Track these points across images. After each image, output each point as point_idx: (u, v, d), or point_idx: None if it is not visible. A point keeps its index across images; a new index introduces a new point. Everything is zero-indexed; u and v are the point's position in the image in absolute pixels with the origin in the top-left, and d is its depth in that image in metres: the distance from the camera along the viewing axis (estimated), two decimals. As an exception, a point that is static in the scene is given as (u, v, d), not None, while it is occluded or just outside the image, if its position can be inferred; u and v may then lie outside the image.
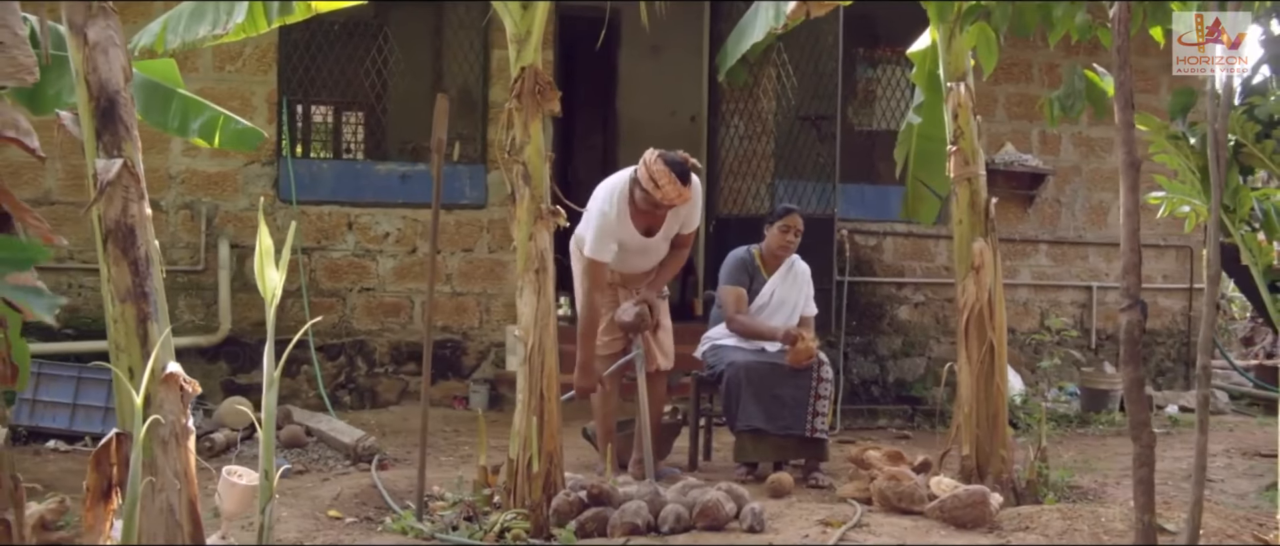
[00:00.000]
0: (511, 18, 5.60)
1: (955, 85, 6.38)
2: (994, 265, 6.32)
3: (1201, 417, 3.70)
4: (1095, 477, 6.99)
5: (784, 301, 6.95)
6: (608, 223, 6.16)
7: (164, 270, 3.48)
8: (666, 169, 6.00)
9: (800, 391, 6.63)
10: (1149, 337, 10.85)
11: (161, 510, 3.27)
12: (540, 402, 5.39)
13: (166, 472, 3.28)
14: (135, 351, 3.35)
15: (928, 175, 7.64)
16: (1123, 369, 3.66)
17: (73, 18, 3.44)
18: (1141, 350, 3.73)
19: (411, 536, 5.10)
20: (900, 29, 9.88)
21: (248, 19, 6.12)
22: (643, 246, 6.35)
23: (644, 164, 6.10)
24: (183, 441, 3.34)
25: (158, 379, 3.24)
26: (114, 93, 3.44)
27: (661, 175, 6.00)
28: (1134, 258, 3.62)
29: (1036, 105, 9.91)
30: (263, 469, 3.29)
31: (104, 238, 3.35)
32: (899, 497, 5.85)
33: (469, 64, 9.34)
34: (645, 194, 6.08)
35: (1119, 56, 3.68)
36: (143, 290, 3.36)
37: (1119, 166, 3.67)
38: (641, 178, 6.08)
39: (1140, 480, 3.59)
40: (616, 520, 5.24)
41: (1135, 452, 3.60)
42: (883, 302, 10.09)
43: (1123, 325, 3.61)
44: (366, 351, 8.82)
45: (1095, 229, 10.70)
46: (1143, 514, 3.58)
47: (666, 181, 6.00)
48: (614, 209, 6.18)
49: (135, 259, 3.36)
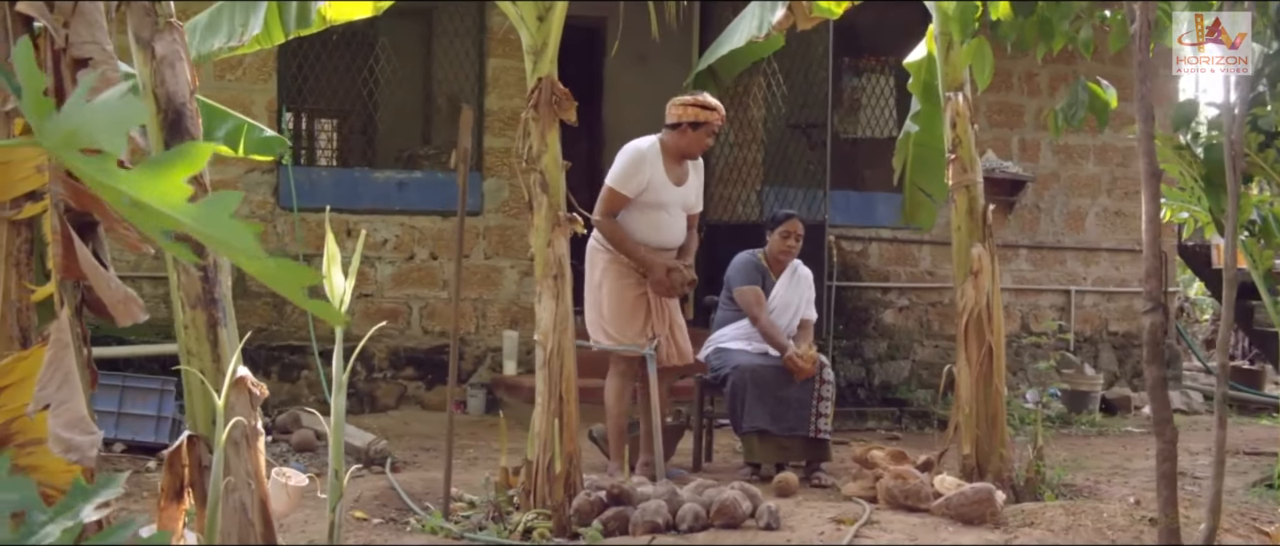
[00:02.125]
0: (528, 30, 5.74)
1: (954, 95, 6.57)
2: (992, 270, 6.52)
3: (1220, 413, 3.89)
4: (1087, 476, 7.19)
5: (788, 304, 7.12)
6: (645, 154, 6.55)
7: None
8: (703, 94, 6.66)
9: (804, 393, 6.80)
10: (1125, 340, 11.11)
11: (235, 510, 3.37)
12: (560, 405, 5.53)
13: (239, 473, 3.39)
14: (206, 356, 3.45)
15: (925, 181, 7.83)
16: (1146, 368, 3.85)
17: (140, 33, 3.55)
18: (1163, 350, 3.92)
19: (441, 536, 5.23)
20: (883, 38, 10.10)
21: (263, 31, 6.23)
22: (674, 200, 6.62)
23: (677, 105, 6.62)
24: (253, 443, 3.44)
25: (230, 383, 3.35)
26: (181, 105, 3.55)
27: (705, 98, 6.62)
28: (1156, 263, 3.80)
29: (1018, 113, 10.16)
30: (333, 468, 3.40)
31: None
32: (905, 495, 6.02)
33: (460, 72, 9.46)
34: (694, 127, 6.57)
35: (1140, 71, 3.87)
36: (212, 296, 3.46)
37: (1141, 176, 3.86)
38: (682, 116, 6.58)
39: (1163, 474, 3.77)
40: (638, 519, 5.38)
41: (1158, 448, 3.78)
42: (868, 307, 10.29)
43: (1146, 327, 3.79)
44: (365, 356, 8.92)
45: (1073, 234, 10.95)
46: (1166, 507, 3.75)
47: (710, 100, 6.63)
48: (650, 148, 6.59)
49: (204, 266, 3.47)
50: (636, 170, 6.49)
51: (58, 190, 3.02)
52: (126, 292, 3.09)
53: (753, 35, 7.14)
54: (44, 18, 3.05)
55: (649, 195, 6.54)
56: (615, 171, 6.57)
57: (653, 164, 6.53)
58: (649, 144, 6.61)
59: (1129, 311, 11.11)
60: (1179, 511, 3.76)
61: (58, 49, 3.04)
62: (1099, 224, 11.04)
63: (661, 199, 6.56)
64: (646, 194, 6.53)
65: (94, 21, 3.13)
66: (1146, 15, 3.79)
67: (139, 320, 3.10)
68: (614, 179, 6.53)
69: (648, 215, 6.56)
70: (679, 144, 6.59)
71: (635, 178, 6.49)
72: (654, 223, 6.56)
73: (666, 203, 6.59)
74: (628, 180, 6.49)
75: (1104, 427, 9.62)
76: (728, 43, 7.53)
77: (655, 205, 6.54)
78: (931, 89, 7.47)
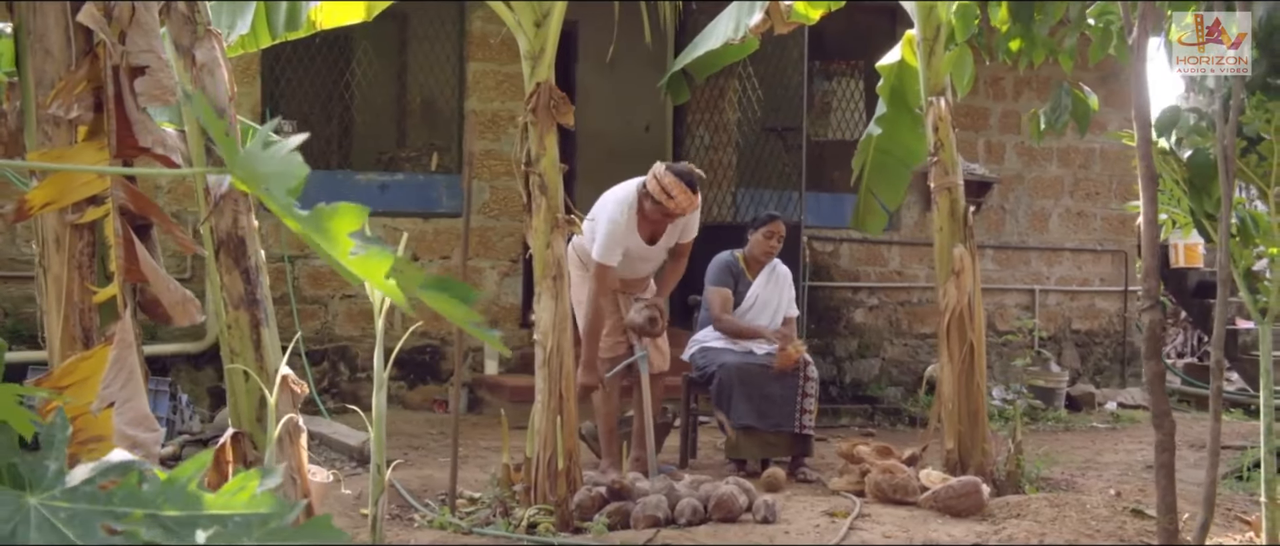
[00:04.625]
0: (526, 36, 5.87)
1: (935, 100, 6.74)
2: (973, 270, 6.71)
3: (1215, 407, 4.07)
4: (1061, 469, 7.40)
5: (767, 303, 7.27)
6: (617, 230, 6.43)
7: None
8: (677, 180, 6.31)
9: (788, 389, 6.96)
10: (1087, 338, 11.37)
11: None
12: (560, 403, 5.66)
13: (284, 468, 3.49)
14: (249, 355, 3.55)
15: (879, 187, 8.01)
16: (1145, 363, 4.02)
17: (180, 40, 3.64)
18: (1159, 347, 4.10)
19: (450, 531, 5.33)
20: (852, 42, 10.30)
21: (251, 33, 6.28)
22: (645, 254, 6.64)
23: (654, 177, 6.40)
24: (296, 439, 3.55)
25: (279, 381, 3.45)
26: (221, 111, 3.64)
27: (673, 186, 6.30)
28: (1154, 262, 3.98)
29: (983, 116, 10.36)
30: (375, 464, 3.50)
31: (216, 248, 3.54)
32: (893, 489, 6.20)
33: (436, 75, 9.55)
34: (657, 204, 6.37)
35: (1137, 79, 4.04)
36: (254, 297, 3.56)
37: (1139, 180, 4.03)
38: (653, 190, 6.37)
39: (1162, 465, 3.93)
40: (639, 513, 5.52)
41: (1157, 440, 3.94)
42: (840, 306, 10.48)
43: (1145, 324, 3.97)
44: (349, 357, 8.99)
45: (1037, 234, 11.20)
46: (1165, 496, 3.92)
47: (679, 192, 6.30)
48: (624, 217, 6.46)
49: (247, 268, 3.56)
50: (612, 241, 6.46)
51: (119, 195, 3.11)
52: (184, 294, 3.19)
53: (729, 38, 7.26)
54: (102, 29, 3.14)
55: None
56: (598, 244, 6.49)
57: (628, 231, 6.51)
58: (624, 206, 6.53)
59: (1091, 310, 11.38)
60: (1177, 502, 3.93)
61: (115, 62, 3.14)
62: (1062, 224, 11.30)
63: (633, 251, 6.61)
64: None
65: (150, 30, 3.23)
66: (1146, 23, 3.97)
67: (196, 321, 3.20)
68: (598, 253, 6.48)
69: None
70: (643, 209, 6.52)
71: (614, 248, 6.47)
72: (623, 266, 6.63)
73: (637, 256, 6.65)
74: (608, 251, 6.46)
75: (1070, 423, 9.86)
76: (703, 45, 7.63)
77: (626, 254, 6.61)
78: (899, 94, 7.66)
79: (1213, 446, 4.06)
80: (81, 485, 1.43)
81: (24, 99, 3.16)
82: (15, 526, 1.35)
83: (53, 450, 1.49)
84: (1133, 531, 5.61)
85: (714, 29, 7.56)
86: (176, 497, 1.38)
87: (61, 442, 1.50)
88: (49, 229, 3.11)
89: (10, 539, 1.32)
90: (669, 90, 8.31)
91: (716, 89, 9.82)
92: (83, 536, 1.33)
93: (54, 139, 3.10)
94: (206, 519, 1.37)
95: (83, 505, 1.40)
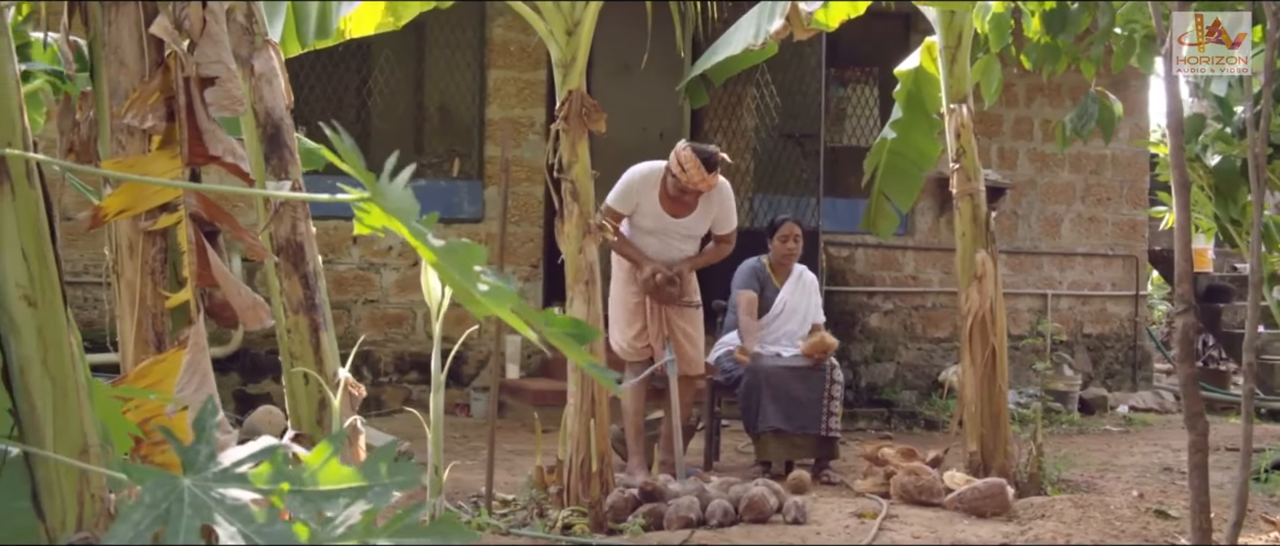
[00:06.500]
0: (557, 44, 5.95)
1: (958, 106, 6.83)
2: (995, 274, 6.80)
3: (1247, 408, 4.16)
4: (1080, 471, 7.48)
5: (795, 310, 7.37)
6: (634, 181, 6.66)
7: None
8: (693, 156, 6.48)
9: (815, 392, 7.05)
10: (1099, 342, 11.47)
11: (341, 503, 3.55)
12: (592, 406, 5.75)
13: (344, 469, 3.57)
14: (309, 359, 3.63)
15: (892, 189, 8.11)
16: (1177, 366, 4.12)
17: (239, 50, 3.72)
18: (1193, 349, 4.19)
19: (489, 532, 5.42)
20: (867, 50, 10.40)
21: (279, 42, 6.36)
22: (669, 228, 6.74)
23: (675, 151, 6.58)
24: (354, 441, 3.63)
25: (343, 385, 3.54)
26: (279, 119, 3.73)
27: (688, 161, 6.47)
28: (1187, 267, 4.07)
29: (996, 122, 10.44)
30: (433, 464, 3.59)
31: (275, 254, 3.64)
32: (919, 491, 6.29)
33: (455, 83, 9.64)
34: (674, 179, 6.54)
35: (1169, 85, 4.13)
36: (313, 302, 3.65)
37: (1172, 186, 4.12)
38: (671, 163, 6.56)
39: (1196, 466, 4.02)
40: (671, 514, 5.60)
41: (1190, 440, 4.03)
42: (855, 311, 10.57)
43: (1178, 327, 4.07)
44: (371, 361, 9.08)
45: (1049, 239, 11.30)
46: (1198, 497, 4.01)
47: (692, 167, 6.45)
48: (641, 176, 6.68)
49: (305, 273, 3.65)
50: (625, 191, 6.68)
51: (190, 202, 3.20)
52: (254, 298, 3.27)
53: (749, 43, 7.34)
54: (174, 40, 3.22)
55: (639, 219, 6.73)
56: (613, 192, 6.73)
57: (642, 191, 6.68)
58: (647, 170, 6.74)
59: (1102, 314, 11.47)
60: (1210, 503, 4.02)
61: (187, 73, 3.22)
62: (1073, 229, 11.39)
63: (651, 226, 6.74)
64: (637, 216, 6.73)
65: (220, 41, 3.31)
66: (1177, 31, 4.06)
67: (267, 325, 3.28)
68: (610, 196, 6.70)
69: (639, 237, 6.77)
70: (665, 184, 6.68)
71: (624, 199, 6.67)
72: (644, 244, 6.75)
73: (657, 230, 6.76)
74: (617, 199, 6.68)
75: (1083, 426, 9.96)
76: (723, 50, 7.72)
77: (645, 230, 6.74)
78: (916, 99, 7.75)
79: (1245, 446, 4.14)
80: (231, 467, 1.52)
81: (98, 108, 3.23)
82: (169, 505, 1.44)
83: (204, 437, 1.58)
84: (1157, 532, 5.70)
85: (733, 34, 7.64)
86: (316, 474, 1.47)
87: (211, 429, 1.59)
88: (123, 235, 3.19)
89: (165, 517, 1.40)
90: (687, 94, 8.41)
91: (734, 96, 9.91)
92: (232, 512, 1.42)
93: (128, 148, 3.18)
94: (350, 491, 1.46)
95: (232, 487, 1.49)
